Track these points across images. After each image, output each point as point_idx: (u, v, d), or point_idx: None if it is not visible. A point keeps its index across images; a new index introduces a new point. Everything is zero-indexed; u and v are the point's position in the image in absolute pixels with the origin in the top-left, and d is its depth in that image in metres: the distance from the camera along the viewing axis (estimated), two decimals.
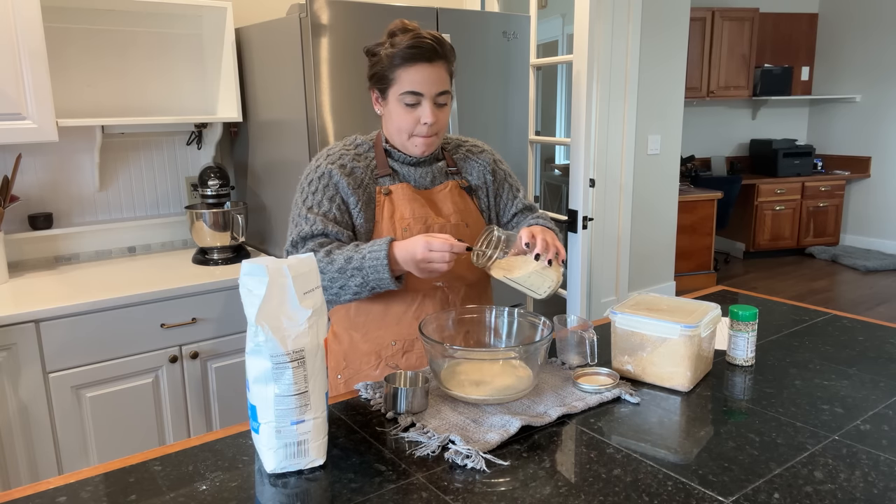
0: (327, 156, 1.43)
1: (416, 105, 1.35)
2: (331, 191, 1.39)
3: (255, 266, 0.95)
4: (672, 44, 4.27)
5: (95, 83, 2.42)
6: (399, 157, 1.44)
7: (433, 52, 1.32)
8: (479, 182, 1.54)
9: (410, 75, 1.32)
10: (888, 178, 6.07)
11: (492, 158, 1.57)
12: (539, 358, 1.19)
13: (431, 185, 1.47)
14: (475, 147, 1.57)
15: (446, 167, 1.50)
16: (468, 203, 1.50)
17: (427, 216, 1.42)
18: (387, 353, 1.44)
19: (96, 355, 1.96)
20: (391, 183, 1.43)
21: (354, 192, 1.40)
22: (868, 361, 1.38)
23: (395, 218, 1.40)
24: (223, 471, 1.00)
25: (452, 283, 1.45)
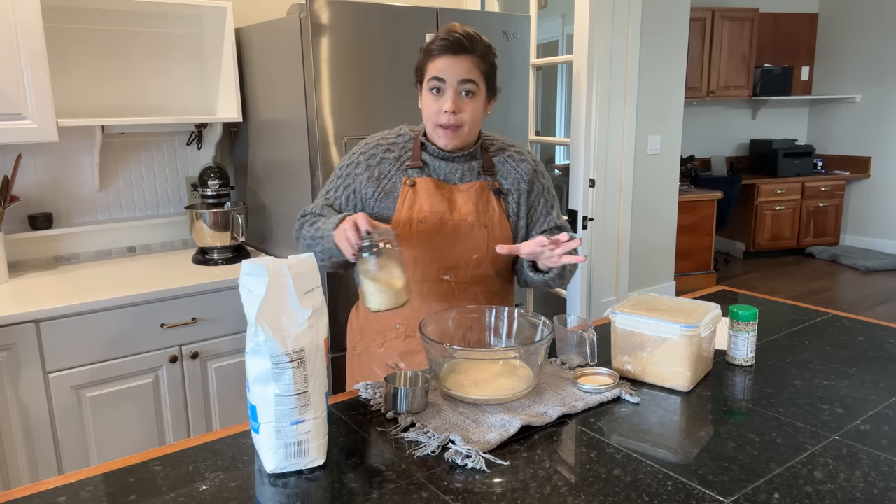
0: (364, 144, 1.53)
1: (439, 94, 1.40)
2: (349, 180, 1.51)
3: (255, 266, 0.95)
4: (672, 44, 4.27)
5: (95, 83, 2.42)
6: (433, 150, 1.48)
7: (459, 45, 1.37)
8: (511, 187, 1.53)
9: (436, 65, 1.38)
10: (888, 178, 6.07)
11: (532, 168, 1.56)
12: (539, 358, 1.19)
13: (459, 182, 1.49)
14: (518, 154, 1.56)
15: (480, 167, 1.51)
16: (493, 205, 1.50)
17: (444, 212, 1.45)
18: (391, 335, 1.51)
19: (96, 355, 1.96)
20: (418, 175, 1.48)
21: (374, 183, 1.48)
22: (868, 361, 1.38)
23: (415, 209, 1.45)
24: (223, 471, 1.00)
25: (460, 280, 1.48)
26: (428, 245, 1.46)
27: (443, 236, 1.45)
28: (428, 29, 2.30)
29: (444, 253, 1.46)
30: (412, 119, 2.35)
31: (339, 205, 1.53)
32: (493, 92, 1.47)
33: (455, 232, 1.46)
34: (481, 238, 1.47)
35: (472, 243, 1.47)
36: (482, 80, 1.41)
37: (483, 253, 1.48)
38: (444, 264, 1.47)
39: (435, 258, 1.47)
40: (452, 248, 1.46)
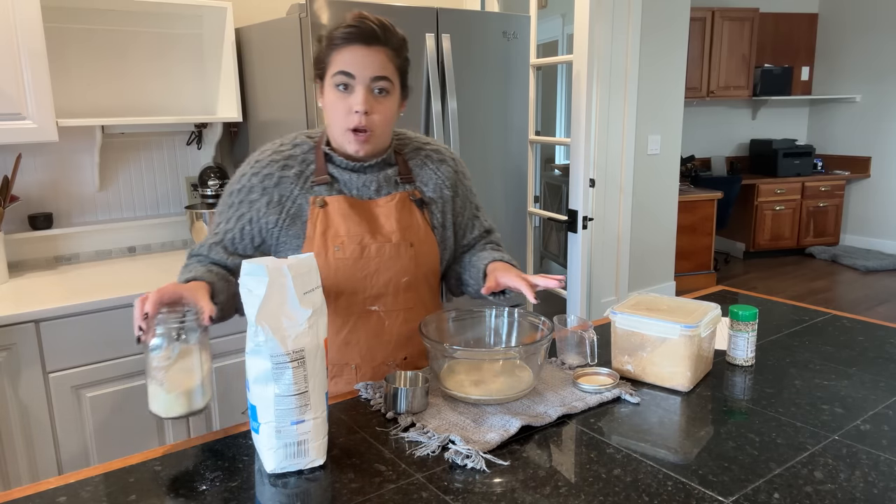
0: (255, 163, 1.30)
1: (348, 91, 1.21)
2: (242, 209, 1.28)
3: (255, 266, 0.95)
4: (672, 44, 4.27)
5: (95, 83, 2.42)
6: (341, 161, 1.29)
7: (371, 35, 1.19)
8: (434, 195, 1.37)
9: (343, 56, 1.20)
10: (888, 178, 6.07)
11: (454, 170, 1.40)
12: (539, 358, 1.19)
13: (376, 196, 1.31)
14: (436, 153, 1.39)
15: (397, 175, 1.33)
16: (417, 218, 1.33)
17: (363, 235, 1.27)
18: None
19: (96, 355, 1.96)
20: (327, 193, 1.28)
21: (275, 209, 1.27)
22: (868, 361, 1.38)
23: (329, 234, 1.26)
24: (223, 471, 1.00)
25: (389, 309, 1.32)
26: (349, 275, 1.27)
27: (365, 262, 1.27)
28: (428, 29, 2.30)
29: (368, 281, 1.29)
30: (413, 119, 2.36)
31: (233, 241, 1.28)
32: (407, 92, 1.30)
33: (379, 256, 1.28)
34: (409, 258, 1.31)
35: (399, 266, 1.30)
36: (396, 76, 1.25)
37: (413, 275, 1.32)
38: (369, 294, 1.29)
39: (359, 288, 1.28)
40: (377, 274, 1.29)
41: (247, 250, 1.30)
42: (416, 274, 1.33)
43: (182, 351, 1.02)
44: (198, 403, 1.04)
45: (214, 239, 1.30)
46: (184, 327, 1.02)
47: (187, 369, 1.02)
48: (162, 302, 1.03)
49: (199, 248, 1.30)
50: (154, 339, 1.01)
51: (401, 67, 1.26)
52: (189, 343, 1.02)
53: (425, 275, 1.36)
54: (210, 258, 1.29)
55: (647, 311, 1.30)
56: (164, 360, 1.01)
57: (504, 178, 2.65)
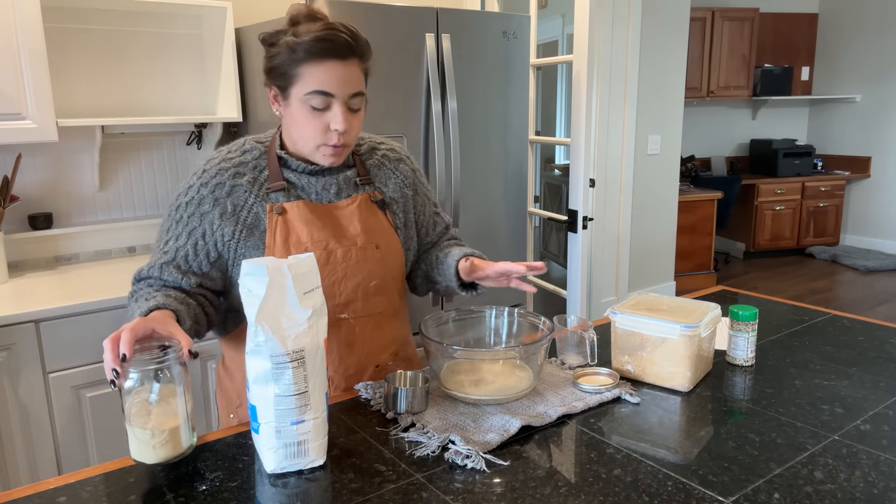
0: (202, 173, 1.21)
1: (324, 109, 1.15)
2: (193, 223, 1.19)
3: (255, 266, 0.95)
4: (672, 44, 4.27)
5: (95, 83, 2.42)
6: (297, 165, 1.23)
7: (347, 48, 1.12)
8: (395, 195, 1.34)
9: (319, 73, 1.11)
10: (888, 178, 6.07)
11: (411, 169, 1.38)
12: (539, 358, 1.19)
13: (336, 199, 1.26)
14: (392, 153, 1.37)
15: (356, 176, 1.29)
16: (380, 220, 1.30)
17: (328, 240, 1.22)
18: None
19: (96, 355, 1.96)
20: (285, 200, 1.22)
21: (230, 219, 1.19)
22: (868, 361, 1.38)
23: (291, 242, 1.20)
24: (223, 471, 1.00)
25: (359, 315, 1.28)
26: None
27: (332, 268, 1.22)
28: (428, 29, 2.30)
29: (336, 288, 1.23)
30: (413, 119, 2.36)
31: (186, 258, 1.19)
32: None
33: (346, 260, 1.23)
34: (376, 261, 1.27)
35: (367, 270, 1.26)
36: (365, 86, 1.20)
37: (381, 278, 1.29)
38: (339, 301, 1.24)
39: (327, 296, 1.22)
40: (346, 280, 1.24)
41: (202, 267, 1.20)
42: (385, 276, 1.30)
43: (164, 391, 0.95)
44: (184, 445, 0.98)
45: (164, 258, 1.18)
46: (164, 366, 0.95)
47: (170, 410, 0.95)
48: (136, 340, 0.94)
49: (149, 271, 1.19)
50: (130, 381, 0.93)
51: (367, 75, 1.21)
52: (171, 382, 0.96)
53: (393, 277, 1.32)
54: (162, 280, 1.18)
55: (647, 311, 1.30)
56: (145, 404, 0.94)
57: (504, 178, 2.65)
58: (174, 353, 0.96)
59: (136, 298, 1.13)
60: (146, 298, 1.10)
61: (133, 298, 1.15)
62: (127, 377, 0.93)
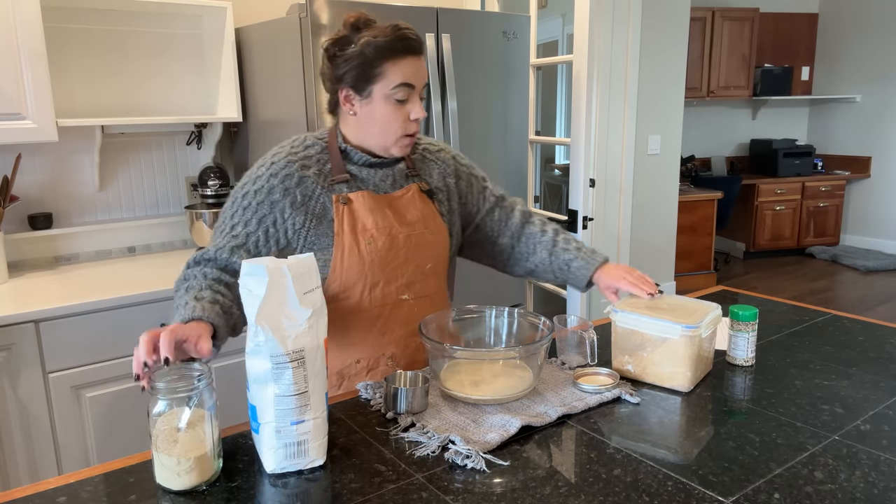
0: (271, 164, 1.27)
1: (405, 101, 1.26)
2: (264, 211, 1.24)
3: (255, 266, 0.95)
4: (672, 44, 4.27)
5: (95, 83, 2.42)
6: (358, 158, 1.32)
7: (418, 44, 1.27)
8: (439, 185, 1.43)
9: (402, 68, 1.23)
10: (888, 178, 6.07)
11: (451, 157, 1.48)
12: (539, 358, 1.19)
13: (392, 189, 1.36)
14: (431, 146, 1.47)
15: (406, 169, 1.39)
16: (430, 208, 1.39)
17: (391, 226, 1.31)
18: (350, 373, 1.36)
19: (96, 355, 1.96)
20: (349, 190, 1.30)
21: (300, 209, 1.26)
22: (868, 361, 1.38)
23: (358, 230, 1.28)
24: (223, 471, 1.00)
25: (418, 296, 1.37)
26: (382, 266, 1.30)
27: (395, 252, 1.31)
28: (428, 29, 2.30)
29: (400, 270, 1.33)
30: None
31: (257, 244, 1.23)
32: None
33: (407, 245, 1.33)
34: (430, 245, 1.37)
35: (424, 253, 1.36)
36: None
37: (434, 261, 1.39)
38: (401, 282, 1.34)
39: (392, 278, 1.32)
40: (407, 263, 1.34)
41: (270, 253, 1.25)
42: (437, 260, 1.40)
43: (192, 417, 0.94)
44: (210, 472, 0.96)
45: (235, 242, 1.22)
46: (195, 392, 0.94)
47: (198, 438, 0.94)
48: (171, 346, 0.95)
49: (216, 253, 1.20)
50: (160, 406, 0.94)
51: None
52: (201, 408, 0.95)
53: (443, 260, 1.42)
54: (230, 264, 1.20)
55: (648, 309, 1.30)
56: (173, 431, 0.94)
57: (504, 178, 2.65)
58: (206, 379, 0.96)
59: (188, 289, 1.14)
60: (195, 298, 1.10)
61: (184, 287, 1.16)
62: (154, 385, 0.94)
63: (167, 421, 0.94)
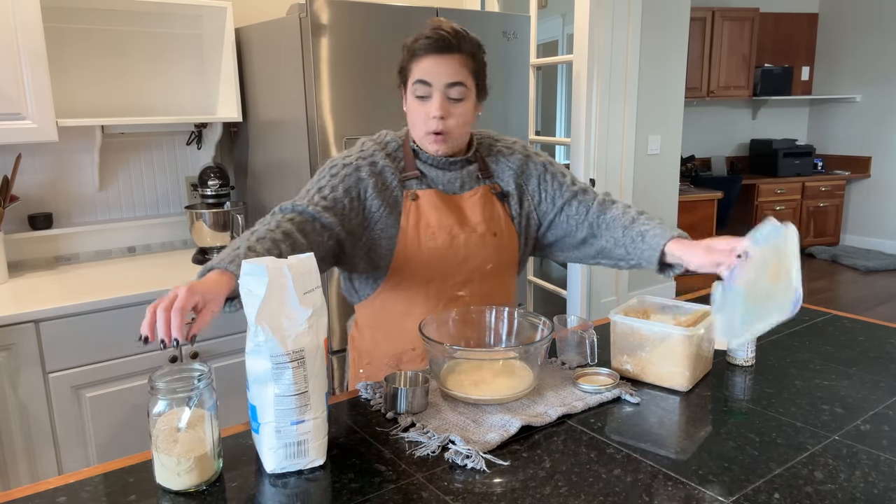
0: (361, 150, 1.38)
1: (426, 98, 1.30)
2: (350, 181, 1.33)
3: (255, 266, 0.95)
4: (672, 44, 4.27)
5: (95, 83, 2.42)
6: (427, 158, 1.39)
7: (446, 44, 1.28)
8: (511, 188, 1.45)
9: (422, 66, 1.29)
10: (888, 178, 6.06)
11: (522, 156, 1.47)
12: (539, 358, 1.19)
13: (460, 191, 1.41)
14: (506, 148, 1.48)
15: (478, 171, 1.43)
16: (499, 210, 1.42)
17: (452, 226, 1.36)
18: (406, 358, 1.42)
19: (96, 355, 1.96)
20: (419, 187, 1.38)
21: (380, 195, 1.34)
22: (868, 361, 1.38)
23: (421, 226, 1.35)
24: (223, 471, 1.00)
25: (475, 294, 1.41)
26: (440, 263, 1.36)
27: (454, 251, 1.37)
28: None
29: (457, 268, 1.38)
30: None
31: (343, 210, 1.31)
32: (484, 93, 1.39)
33: (466, 245, 1.37)
34: (493, 247, 1.40)
35: (484, 254, 1.39)
36: (471, 80, 1.33)
37: (496, 262, 1.41)
38: (458, 279, 1.39)
39: (448, 275, 1.38)
40: (465, 262, 1.38)
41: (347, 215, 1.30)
42: (499, 261, 1.42)
43: (192, 417, 0.94)
44: (210, 472, 0.96)
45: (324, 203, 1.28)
46: (195, 393, 0.94)
47: (198, 438, 0.94)
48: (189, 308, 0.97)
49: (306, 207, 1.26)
50: (159, 406, 0.94)
51: (476, 72, 1.34)
52: (202, 408, 0.95)
53: (507, 262, 1.44)
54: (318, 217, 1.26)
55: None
56: (173, 430, 0.94)
57: None
58: (206, 379, 0.96)
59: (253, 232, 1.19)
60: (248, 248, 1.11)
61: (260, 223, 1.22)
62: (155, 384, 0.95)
63: (167, 421, 0.94)
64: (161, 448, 0.94)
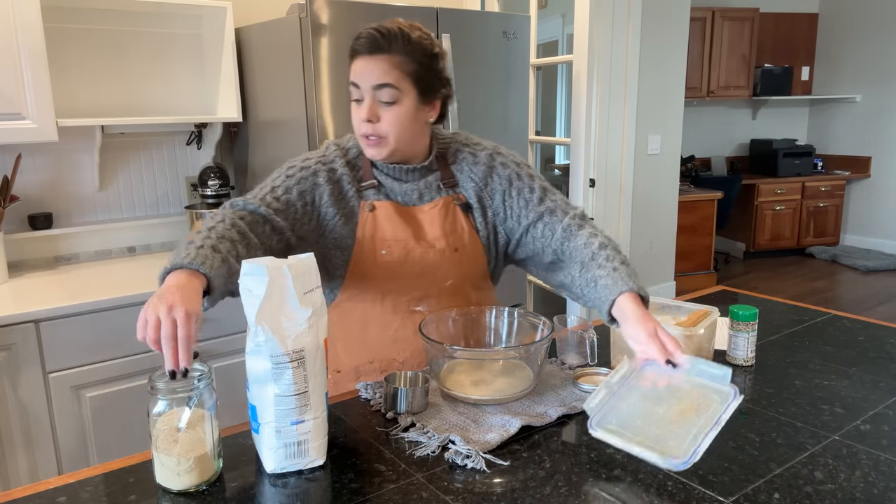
0: (323, 154, 1.32)
1: (360, 101, 1.23)
2: (306, 186, 1.27)
3: (255, 266, 0.95)
4: (672, 44, 4.27)
5: (95, 83, 2.42)
6: (383, 167, 1.31)
7: (374, 44, 1.20)
8: (473, 200, 1.35)
9: (354, 67, 1.23)
10: (888, 178, 6.06)
11: (486, 167, 1.35)
12: (539, 358, 1.19)
13: (420, 202, 1.33)
14: (472, 155, 1.36)
15: (439, 180, 1.34)
16: (461, 223, 1.33)
17: (408, 239, 1.29)
18: (364, 370, 1.37)
19: (96, 355, 1.96)
20: (376, 198, 1.31)
21: (336, 203, 1.28)
22: (868, 361, 1.38)
23: (377, 238, 1.29)
24: (223, 471, 1.00)
25: (433, 309, 1.36)
26: (395, 277, 1.31)
27: (410, 266, 1.30)
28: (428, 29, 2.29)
29: (413, 283, 1.33)
30: None
31: (295, 213, 1.25)
32: (431, 95, 1.27)
33: (423, 261, 1.30)
34: (453, 263, 1.32)
35: (443, 271, 1.33)
36: (406, 82, 1.21)
37: (457, 278, 1.35)
38: (414, 295, 1.34)
39: (403, 290, 1.33)
40: (422, 277, 1.32)
41: (304, 231, 1.25)
42: (461, 277, 1.36)
43: (192, 417, 0.94)
44: (210, 472, 0.96)
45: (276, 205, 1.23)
46: (195, 393, 0.94)
47: (198, 438, 0.94)
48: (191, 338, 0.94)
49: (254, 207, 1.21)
50: (159, 406, 0.94)
51: (414, 73, 1.22)
52: (201, 408, 0.95)
53: (471, 277, 1.38)
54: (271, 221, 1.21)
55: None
56: (173, 430, 0.94)
57: None
58: (206, 379, 0.96)
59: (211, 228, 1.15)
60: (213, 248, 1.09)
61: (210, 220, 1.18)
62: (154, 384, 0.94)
63: (167, 421, 0.95)
64: (161, 448, 0.94)
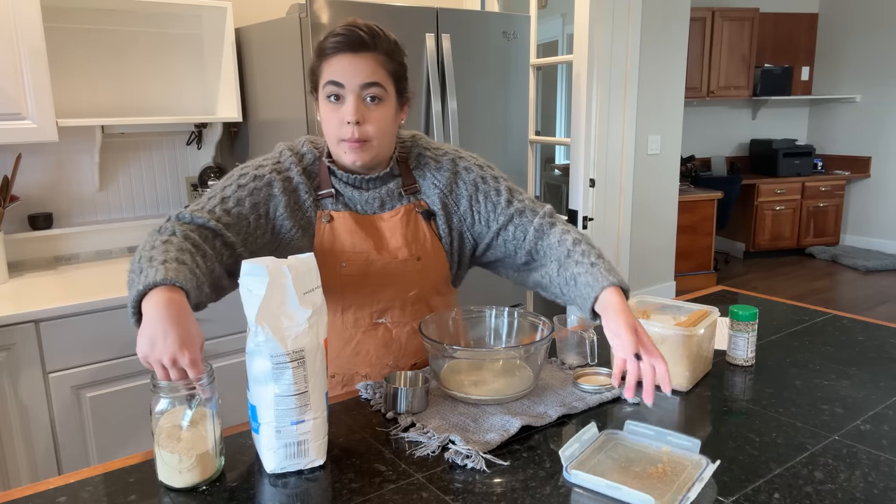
0: (278, 161, 1.24)
1: (339, 101, 1.16)
2: (259, 196, 1.20)
3: (255, 266, 0.95)
4: (672, 44, 4.27)
5: (95, 83, 2.42)
6: (342, 176, 1.25)
7: (359, 42, 1.15)
8: (436, 206, 1.30)
9: (332, 66, 1.15)
10: (888, 178, 6.07)
11: (451, 171, 1.30)
12: (539, 358, 1.19)
13: (380, 211, 1.27)
14: (435, 161, 1.31)
15: (400, 188, 1.28)
16: (424, 231, 1.29)
17: (369, 251, 1.24)
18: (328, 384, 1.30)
19: (96, 355, 1.96)
20: (334, 207, 1.25)
21: (292, 215, 1.22)
22: (868, 361, 1.38)
23: (336, 250, 1.24)
24: (224, 470, 1.00)
25: (397, 321, 1.32)
26: (356, 290, 1.27)
27: (372, 278, 1.26)
28: (428, 29, 2.30)
29: (375, 296, 1.28)
30: (413, 119, 2.36)
31: (247, 226, 1.18)
32: (405, 97, 1.24)
33: (384, 272, 1.26)
34: (416, 273, 1.29)
35: (405, 281, 1.29)
36: (390, 82, 1.19)
37: (420, 287, 1.32)
38: (377, 308, 1.30)
39: (365, 302, 1.29)
40: (384, 289, 1.28)
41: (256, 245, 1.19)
42: (425, 286, 1.32)
43: (195, 415, 0.95)
44: (212, 470, 0.97)
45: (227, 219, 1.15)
46: (198, 390, 0.94)
47: (200, 436, 0.95)
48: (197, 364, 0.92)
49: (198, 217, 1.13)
50: (162, 404, 0.94)
51: (395, 73, 1.20)
52: (204, 406, 0.95)
53: (435, 287, 1.35)
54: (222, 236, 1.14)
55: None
56: (176, 428, 0.94)
57: None
58: (208, 377, 0.95)
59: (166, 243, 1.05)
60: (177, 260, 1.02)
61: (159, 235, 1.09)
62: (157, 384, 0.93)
63: (170, 419, 0.95)
64: (163, 445, 0.94)
